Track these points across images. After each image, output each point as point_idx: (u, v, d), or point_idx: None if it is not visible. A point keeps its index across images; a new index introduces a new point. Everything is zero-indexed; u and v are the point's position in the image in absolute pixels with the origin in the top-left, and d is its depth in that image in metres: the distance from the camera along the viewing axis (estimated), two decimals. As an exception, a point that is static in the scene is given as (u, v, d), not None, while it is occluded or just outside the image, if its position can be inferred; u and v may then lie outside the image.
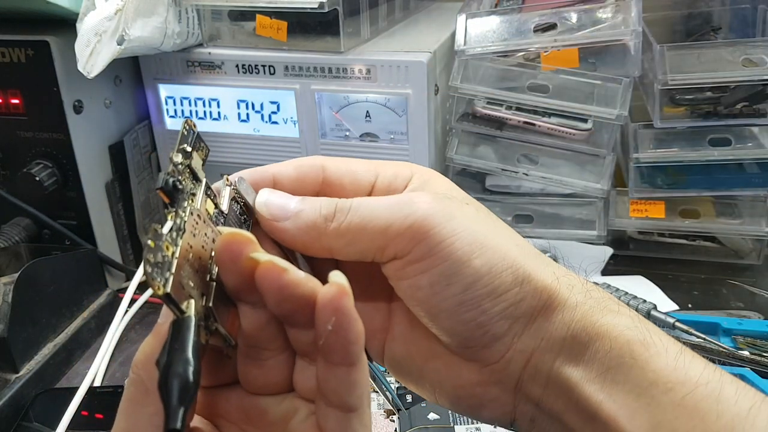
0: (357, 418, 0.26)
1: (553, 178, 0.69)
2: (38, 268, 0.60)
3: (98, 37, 0.59)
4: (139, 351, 0.26)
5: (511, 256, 0.28)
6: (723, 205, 0.71)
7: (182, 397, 0.21)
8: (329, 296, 0.24)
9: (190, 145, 0.27)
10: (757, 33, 0.75)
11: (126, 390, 0.26)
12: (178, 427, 0.21)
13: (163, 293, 0.22)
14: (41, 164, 0.66)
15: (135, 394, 0.26)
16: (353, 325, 0.24)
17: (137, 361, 0.26)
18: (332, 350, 0.24)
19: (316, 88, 0.67)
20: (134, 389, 0.26)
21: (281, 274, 0.24)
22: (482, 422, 0.41)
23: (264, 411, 0.28)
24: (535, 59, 0.68)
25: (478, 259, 0.27)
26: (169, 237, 0.23)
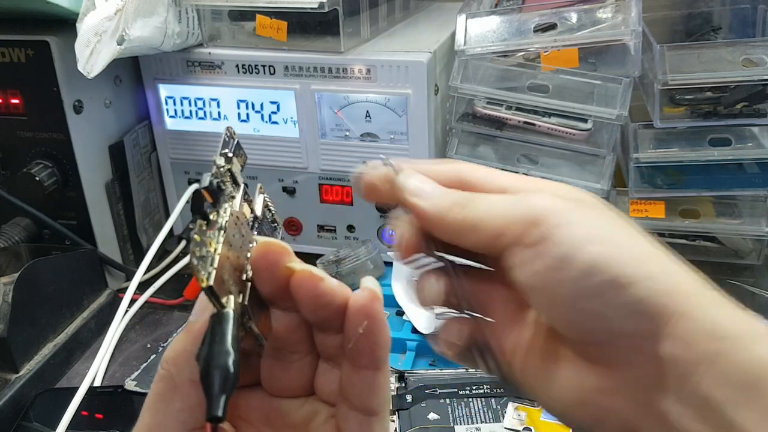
0: (378, 422, 0.27)
1: (553, 178, 0.69)
2: (38, 268, 0.60)
3: (98, 37, 0.59)
4: (169, 348, 0.26)
5: (637, 250, 0.27)
6: (723, 205, 0.71)
7: (224, 386, 0.22)
8: (363, 301, 0.25)
9: (231, 151, 0.29)
10: (757, 33, 0.75)
11: (154, 385, 0.26)
12: (220, 414, 0.22)
13: (207, 286, 0.23)
14: (41, 164, 0.66)
15: (163, 389, 0.26)
16: (382, 330, 0.26)
17: (167, 357, 0.26)
18: (361, 353, 0.26)
19: (316, 88, 0.67)
20: (163, 385, 0.26)
21: (317, 282, 0.25)
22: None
23: (285, 413, 0.28)
24: (535, 59, 0.68)
25: (596, 246, 0.26)
26: (212, 234, 0.24)
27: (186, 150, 0.75)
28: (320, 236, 0.75)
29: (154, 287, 0.68)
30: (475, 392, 0.51)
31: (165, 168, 0.77)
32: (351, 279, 0.67)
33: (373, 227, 0.73)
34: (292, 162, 0.72)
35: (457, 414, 0.49)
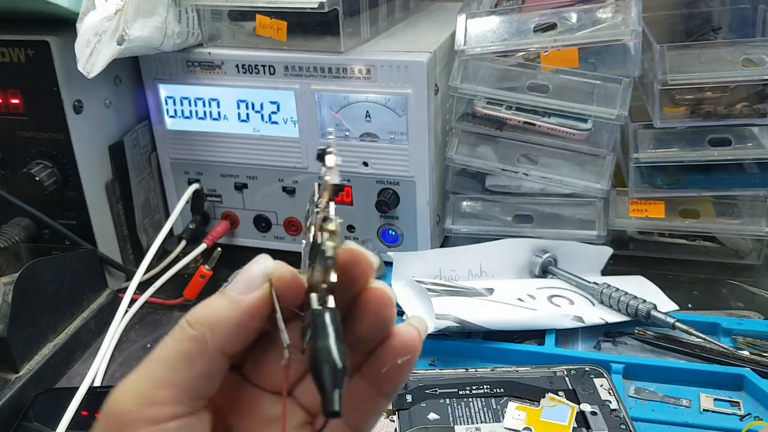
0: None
1: (553, 178, 0.69)
2: (38, 268, 0.60)
3: (98, 37, 0.59)
4: (204, 311, 0.26)
5: None
6: (723, 205, 0.71)
7: (336, 382, 0.23)
8: (413, 337, 0.27)
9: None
10: (757, 33, 0.75)
11: (181, 343, 0.26)
12: (337, 408, 0.23)
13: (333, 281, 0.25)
14: (41, 164, 0.66)
15: (192, 351, 0.25)
16: (413, 367, 0.27)
17: (203, 320, 0.26)
18: (389, 381, 0.27)
19: (316, 88, 0.67)
20: (192, 345, 0.25)
21: (389, 306, 0.27)
22: None
23: (260, 405, 0.28)
24: (535, 59, 0.68)
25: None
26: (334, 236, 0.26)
27: (186, 150, 0.75)
28: (320, 236, 0.75)
29: (154, 287, 0.68)
30: (475, 392, 0.51)
31: (165, 168, 0.77)
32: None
33: (373, 227, 0.73)
34: (292, 162, 0.72)
35: (457, 414, 0.49)
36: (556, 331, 0.60)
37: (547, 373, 0.53)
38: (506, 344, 0.59)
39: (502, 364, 0.56)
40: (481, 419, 0.49)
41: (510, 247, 0.70)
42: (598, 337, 0.61)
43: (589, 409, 0.49)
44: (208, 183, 0.76)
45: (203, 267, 0.69)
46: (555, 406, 0.50)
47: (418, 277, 0.66)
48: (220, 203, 0.77)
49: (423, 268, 0.68)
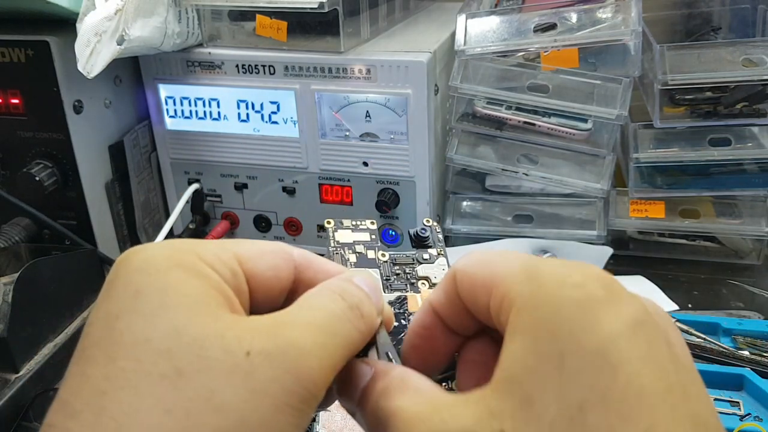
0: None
1: (553, 178, 0.69)
2: (38, 268, 0.60)
3: (98, 37, 0.59)
4: (370, 309, 0.26)
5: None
6: (723, 205, 0.71)
7: None
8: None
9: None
10: (757, 33, 0.75)
11: (352, 327, 0.25)
12: None
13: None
14: (41, 164, 0.66)
15: (356, 339, 0.25)
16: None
17: (369, 316, 0.26)
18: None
19: (316, 88, 0.67)
20: (357, 335, 0.25)
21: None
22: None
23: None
24: (535, 59, 0.68)
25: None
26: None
27: (186, 150, 0.75)
28: (320, 236, 0.75)
29: (154, 287, 0.68)
30: (475, 392, 0.51)
31: (165, 168, 0.77)
32: (351, 279, 0.67)
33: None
34: (292, 162, 0.72)
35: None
36: (556, 331, 0.60)
37: (547, 373, 0.53)
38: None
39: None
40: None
41: (510, 247, 0.70)
42: (598, 337, 0.61)
43: (589, 409, 0.49)
44: (208, 183, 0.76)
45: (203, 267, 0.69)
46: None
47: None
48: (220, 203, 0.77)
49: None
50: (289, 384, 0.22)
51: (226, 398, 0.21)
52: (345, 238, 0.32)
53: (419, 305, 0.30)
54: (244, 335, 0.22)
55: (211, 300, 0.23)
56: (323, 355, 0.23)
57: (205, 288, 0.23)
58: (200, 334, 0.22)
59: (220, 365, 0.21)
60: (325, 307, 0.25)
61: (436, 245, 0.33)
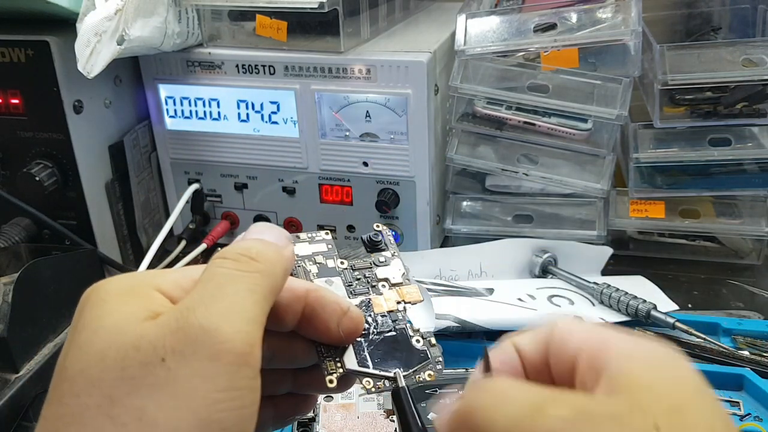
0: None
1: (553, 178, 0.69)
2: (38, 268, 0.60)
3: (98, 37, 0.59)
4: (262, 247, 0.26)
5: None
6: (723, 205, 0.71)
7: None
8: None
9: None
10: (757, 33, 0.75)
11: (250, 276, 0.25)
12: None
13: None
14: (41, 164, 0.66)
15: (265, 285, 0.25)
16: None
17: (266, 256, 0.26)
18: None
19: (316, 88, 0.67)
20: (264, 280, 0.25)
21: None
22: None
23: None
24: (535, 59, 0.68)
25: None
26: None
27: (186, 150, 0.75)
28: (320, 236, 0.75)
29: (154, 287, 0.68)
30: (475, 392, 0.51)
31: (165, 168, 0.77)
32: (351, 279, 0.67)
33: (373, 227, 0.73)
34: (292, 162, 0.72)
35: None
36: (556, 331, 0.60)
37: (547, 373, 0.53)
38: (506, 344, 0.59)
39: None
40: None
41: (510, 247, 0.70)
42: (598, 337, 0.61)
43: (589, 409, 0.49)
44: (208, 183, 0.76)
45: (203, 267, 0.69)
46: (555, 406, 0.50)
47: (418, 277, 0.66)
48: (220, 203, 0.77)
49: (423, 268, 0.68)
50: (213, 372, 0.22)
51: (155, 414, 0.21)
52: (303, 251, 0.33)
53: (384, 307, 0.32)
54: (157, 340, 0.22)
55: (139, 315, 0.23)
56: (234, 320, 0.23)
57: (138, 308, 0.23)
58: (120, 354, 0.22)
59: (141, 381, 0.22)
60: (213, 275, 0.25)
61: (390, 248, 0.35)
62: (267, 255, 0.26)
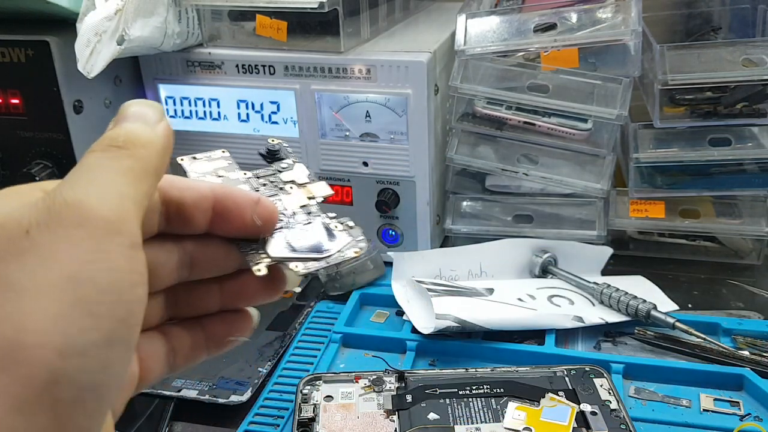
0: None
1: (553, 178, 0.69)
2: (38, 268, 0.60)
3: (98, 37, 0.59)
4: (130, 130, 0.26)
5: None
6: (723, 205, 0.71)
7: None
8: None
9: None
10: (757, 33, 0.75)
11: (119, 161, 0.24)
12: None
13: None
14: (41, 164, 0.66)
15: (136, 168, 0.25)
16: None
17: (135, 140, 0.25)
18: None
19: (316, 88, 0.67)
20: (135, 163, 0.25)
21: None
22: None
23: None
24: (535, 59, 0.68)
25: None
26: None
27: (186, 150, 0.75)
28: (320, 236, 0.75)
29: (154, 287, 0.68)
30: (475, 392, 0.51)
31: (165, 168, 0.77)
32: (351, 279, 0.67)
33: (373, 227, 0.73)
34: (292, 162, 0.72)
35: (457, 414, 0.49)
36: (556, 331, 0.60)
37: (547, 373, 0.53)
38: (506, 344, 0.59)
39: (502, 364, 0.56)
40: (481, 419, 0.49)
41: (510, 247, 0.70)
42: (598, 337, 0.61)
43: (589, 409, 0.49)
44: (208, 183, 0.76)
45: (203, 267, 0.69)
46: (555, 406, 0.50)
47: (418, 277, 0.66)
48: (220, 203, 0.77)
49: (423, 268, 0.68)
50: (78, 236, 0.21)
51: (19, 279, 0.21)
52: (203, 167, 0.34)
53: (296, 203, 0.32)
54: (22, 217, 0.22)
55: (12, 204, 0.23)
56: (101, 193, 0.23)
57: (13, 199, 0.23)
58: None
59: (5, 254, 0.21)
60: (82, 164, 0.24)
61: (289, 156, 0.35)
62: (137, 139, 0.25)
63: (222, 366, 0.58)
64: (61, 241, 0.21)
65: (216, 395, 0.54)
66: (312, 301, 0.68)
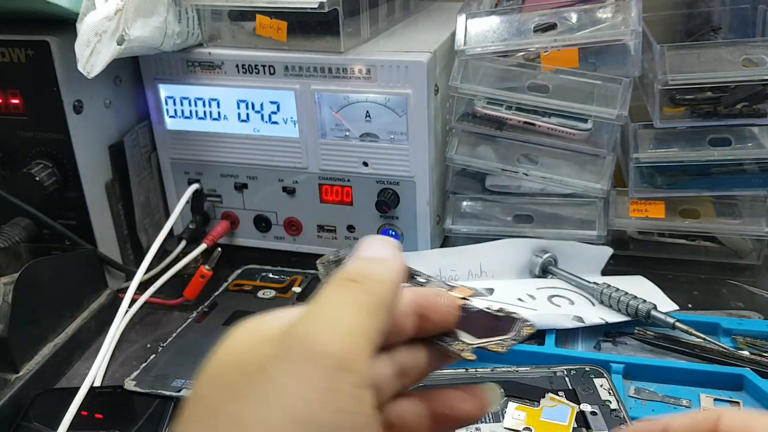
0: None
1: (553, 178, 0.69)
2: (38, 268, 0.60)
3: (98, 37, 0.59)
4: (367, 266, 0.26)
5: None
6: (723, 205, 0.71)
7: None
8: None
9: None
10: (757, 33, 0.75)
11: (355, 295, 0.25)
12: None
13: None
14: (41, 164, 0.66)
15: (372, 304, 0.25)
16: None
17: (372, 275, 0.26)
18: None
19: (316, 88, 0.67)
20: (371, 299, 0.25)
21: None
22: None
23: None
24: (535, 59, 0.68)
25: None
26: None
27: (186, 150, 0.75)
28: (320, 236, 0.75)
29: (154, 287, 0.68)
30: (475, 392, 0.51)
31: (165, 168, 0.77)
32: (351, 279, 0.67)
33: (373, 227, 0.73)
34: (292, 162, 0.72)
35: None
36: (556, 331, 0.60)
37: (547, 373, 0.53)
38: (506, 344, 0.59)
39: (502, 364, 0.56)
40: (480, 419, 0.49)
41: (510, 247, 0.70)
42: (598, 337, 0.61)
43: (589, 409, 0.49)
44: (208, 183, 0.76)
45: (203, 267, 0.69)
46: (555, 406, 0.50)
47: (418, 277, 0.66)
48: (220, 203, 0.77)
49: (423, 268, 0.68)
50: (309, 374, 0.22)
51: (248, 415, 0.21)
52: None
53: (468, 290, 0.33)
54: (260, 353, 0.23)
55: (253, 340, 0.24)
56: (334, 330, 0.23)
57: (253, 335, 0.25)
58: (226, 370, 0.24)
59: (239, 388, 0.22)
60: (317, 299, 0.25)
61: (421, 275, 0.37)
62: (371, 273, 0.26)
63: (222, 366, 0.58)
64: (291, 377, 0.22)
65: (216, 395, 0.54)
66: (312, 301, 0.68)
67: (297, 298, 0.69)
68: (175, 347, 0.62)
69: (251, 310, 0.67)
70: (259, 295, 0.70)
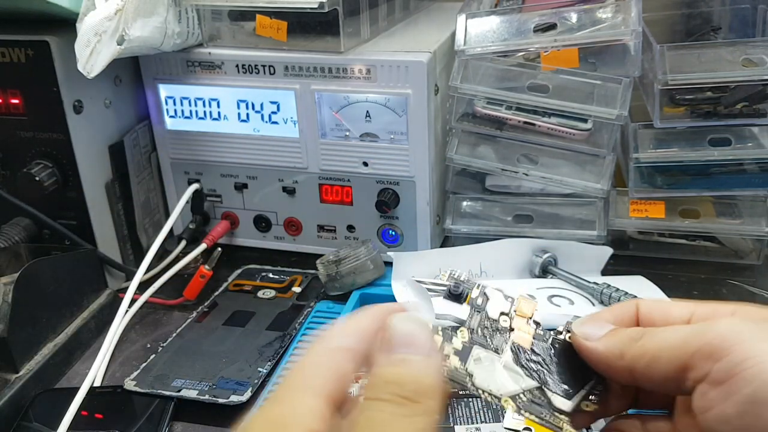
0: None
1: (553, 178, 0.69)
2: (38, 268, 0.60)
3: (98, 37, 0.59)
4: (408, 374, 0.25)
5: None
6: (723, 205, 0.71)
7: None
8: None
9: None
10: (757, 33, 0.75)
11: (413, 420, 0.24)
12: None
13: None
14: (41, 164, 0.66)
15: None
16: None
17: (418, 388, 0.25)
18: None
19: (316, 88, 0.67)
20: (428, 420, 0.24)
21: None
22: None
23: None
24: (535, 59, 0.68)
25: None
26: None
27: (186, 150, 0.75)
28: (320, 236, 0.76)
29: (154, 287, 0.68)
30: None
31: (165, 168, 0.78)
32: (351, 279, 0.67)
33: (373, 227, 0.73)
34: (292, 162, 0.72)
35: (457, 414, 0.49)
36: (556, 331, 0.60)
37: (547, 373, 0.53)
38: (506, 344, 0.59)
39: (502, 364, 0.56)
40: (481, 419, 0.49)
41: (510, 247, 0.70)
42: (598, 337, 0.61)
43: (589, 409, 0.49)
44: (208, 183, 0.76)
45: (203, 267, 0.69)
46: (555, 406, 0.50)
47: (418, 277, 0.66)
48: (220, 203, 0.77)
49: (423, 268, 0.68)
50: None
51: None
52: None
53: (528, 339, 0.32)
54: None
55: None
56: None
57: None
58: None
59: None
60: (372, 424, 0.23)
61: (470, 285, 0.35)
62: (425, 388, 0.24)
63: (222, 366, 0.58)
64: None
65: (216, 395, 0.54)
66: (312, 301, 0.68)
67: (297, 297, 0.69)
68: (175, 347, 0.62)
69: (251, 310, 0.67)
70: (259, 295, 0.70)
